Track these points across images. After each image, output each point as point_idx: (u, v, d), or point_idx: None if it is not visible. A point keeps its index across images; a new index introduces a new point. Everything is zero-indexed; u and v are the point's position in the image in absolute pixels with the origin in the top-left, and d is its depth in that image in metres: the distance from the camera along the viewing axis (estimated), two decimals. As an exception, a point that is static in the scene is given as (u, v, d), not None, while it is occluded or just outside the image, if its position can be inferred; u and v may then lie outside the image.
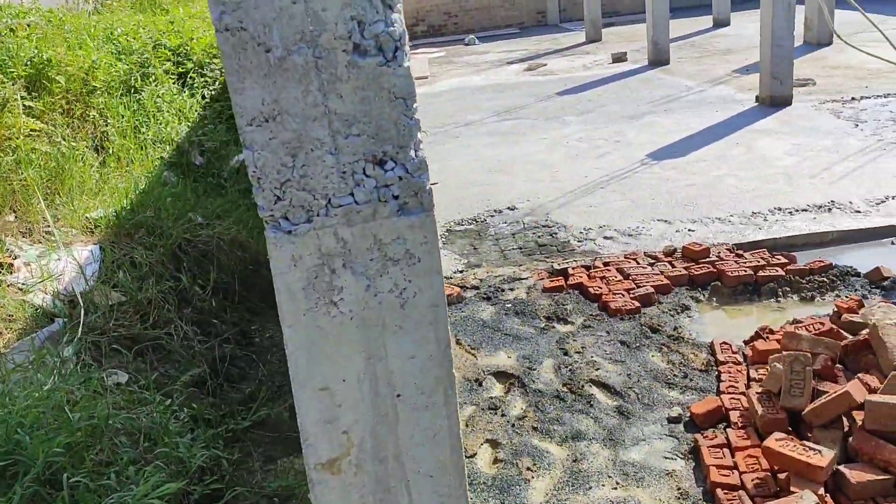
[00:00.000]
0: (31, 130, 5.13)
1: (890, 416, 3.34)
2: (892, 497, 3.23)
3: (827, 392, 3.66)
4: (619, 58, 14.76)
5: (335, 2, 1.20)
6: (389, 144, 1.29)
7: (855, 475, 3.27)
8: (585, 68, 14.52)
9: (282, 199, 1.29)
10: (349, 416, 1.45)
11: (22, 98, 5.23)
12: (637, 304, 5.25)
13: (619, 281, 5.59)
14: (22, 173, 4.70)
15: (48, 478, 2.36)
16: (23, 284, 4.03)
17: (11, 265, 4.09)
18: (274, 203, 1.29)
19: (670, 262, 5.81)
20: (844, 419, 3.56)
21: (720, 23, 18.06)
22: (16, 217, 4.57)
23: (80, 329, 3.66)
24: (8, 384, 2.80)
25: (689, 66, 13.59)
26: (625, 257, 6.00)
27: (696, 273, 5.58)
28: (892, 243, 5.94)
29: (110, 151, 5.71)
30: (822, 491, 3.26)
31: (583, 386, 4.48)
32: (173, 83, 7.28)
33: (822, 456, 3.34)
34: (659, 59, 13.90)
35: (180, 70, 7.62)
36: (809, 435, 3.57)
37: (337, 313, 1.38)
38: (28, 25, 6.28)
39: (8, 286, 3.93)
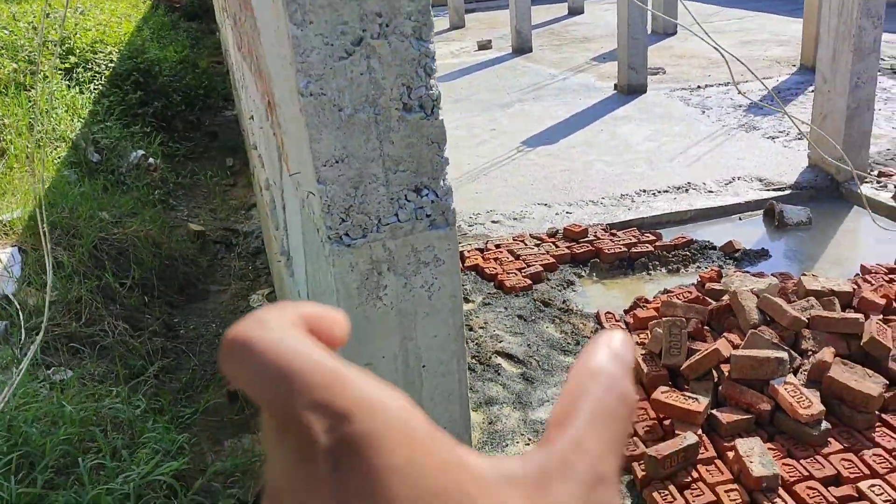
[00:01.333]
0: (-71, 133, 5.05)
1: (750, 366, 4.05)
2: (753, 431, 3.94)
3: (699, 350, 4.34)
4: (484, 45, 15.40)
5: (391, 73, 1.60)
6: (426, 176, 1.70)
7: (725, 417, 3.97)
8: (453, 55, 15.08)
9: (346, 221, 1.68)
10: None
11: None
12: (529, 281, 5.82)
13: (511, 261, 6.15)
14: (-72, 177, 4.66)
15: (56, 465, 2.59)
16: (-50, 289, 4.08)
17: (-63, 271, 4.12)
18: (339, 224, 1.68)
19: (554, 243, 6.43)
20: (714, 372, 4.25)
21: (575, 10, 19.10)
22: (-73, 222, 4.55)
23: (21, 331, 3.80)
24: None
25: (550, 53, 14.41)
26: (513, 239, 6.57)
27: (577, 252, 6.22)
28: (740, 219, 6.83)
29: (10, 152, 5.66)
30: (699, 431, 3.93)
31: (490, 357, 4.99)
32: (62, 79, 7.18)
33: (698, 403, 4.01)
34: (522, 46, 14.64)
35: (66, 65, 7.51)
36: (687, 387, 4.24)
37: (381, 305, 1.78)
38: None
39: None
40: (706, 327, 4.68)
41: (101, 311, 4.46)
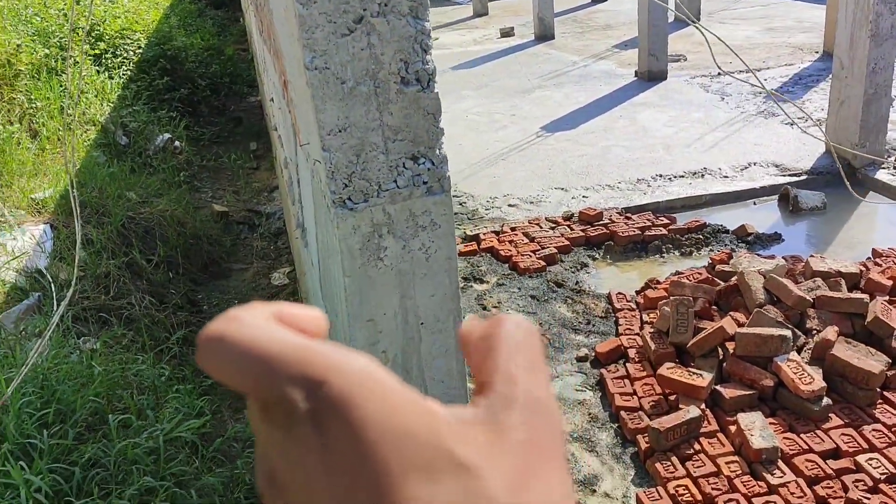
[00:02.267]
0: (-34, 115, 5.27)
1: (754, 344, 4.15)
2: (756, 407, 4.04)
3: (705, 328, 4.44)
4: (507, 33, 15.46)
5: (390, 49, 1.74)
6: (423, 146, 1.84)
7: (728, 392, 4.07)
8: (476, 43, 15.16)
9: (348, 186, 1.82)
10: (387, 339, 2.00)
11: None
12: (543, 263, 5.94)
13: (526, 244, 6.27)
14: (-35, 157, 4.89)
15: (86, 421, 2.77)
16: (-14, 263, 4.29)
17: (-27, 245, 4.34)
18: (342, 189, 1.82)
19: (569, 226, 6.54)
20: (720, 349, 4.36)
21: (598, -2, 19.05)
22: (-36, 200, 4.77)
23: (54, 302, 4.00)
24: (21, 349, 3.17)
25: (572, 41, 14.44)
26: (529, 222, 6.69)
27: (591, 234, 6.32)
28: (754, 203, 6.89)
29: (43, 134, 5.88)
30: (703, 406, 4.04)
31: (502, 335, 5.12)
32: (91, 64, 7.40)
33: (703, 378, 4.12)
34: (545, 34, 14.68)
35: (96, 52, 7.73)
36: (692, 364, 4.35)
37: (382, 266, 1.92)
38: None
39: (-25, 265, 4.19)
40: (714, 307, 4.77)
41: (129, 286, 4.66)
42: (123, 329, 4.28)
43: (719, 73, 10.88)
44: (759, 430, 3.78)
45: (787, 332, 4.15)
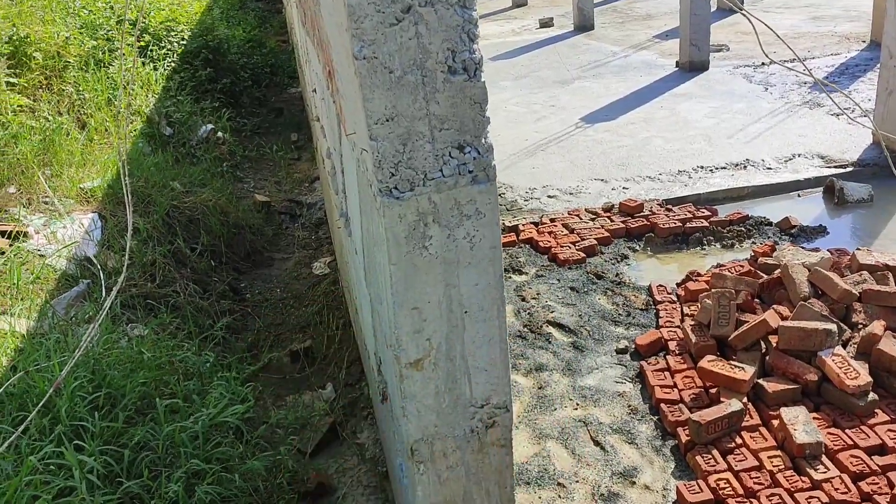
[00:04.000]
0: (18, 106, 5.41)
1: (798, 337, 4.09)
2: (799, 401, 3.99)
3: (748, 321, 4.39)
4: (546, 23, 15.37)
5: (437, 38, 1.75)
6: (469, 135, 1.85)
7: (771, 386, 4.03)
8: (515, 33, 15.10)
9: (395, 175, 1.84)
10: (431, 327, 2.02)
11: (5, 74, 5.49)
12: (582, 254, 5.91)
13: (565, 235, 6.24)
14: (17, 147, 5.01)
15: (135, 405, 2.85)
16: (38, 250, 4.40)
17: (26, 233, 4.46)
18: (389, 178, 1.84)
19: (609, 217, 6.50)
20: (762, 342, 4.31)
21: (639, -12, 18.82)
22: (16, 189, 4.89)
23: (102, 289, 4.09)
24: (73, 336, 3.26)
25: (612, 31, 14.31)
26: (568, 213, 6.66)
27: (632, 226, 6.28)
28: (798, 196, 6.78)
29: (91, 124, 6.01)
30: (745, 399, 4.00)
31: (541, 326, 5.12)
32: (137, 56, 7.53)
33: (745, 371, 4.08)
34: (584, 24, 14.56)
35: (141, 44, 7.87)
36: (734, 357, 4.30)
37: (427, 254, 1.94)
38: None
39: (28, 252, 4.30)
40: (756, 300, 4.72)
41: (174, 274, 4.75)
42: (170, 316, 4.37)
43: (763, 63, 10.71)
44: (802, 424, 3.73)
45: (832, 326, 4.08)
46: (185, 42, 8.56)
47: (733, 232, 6.10)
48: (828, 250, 5.33)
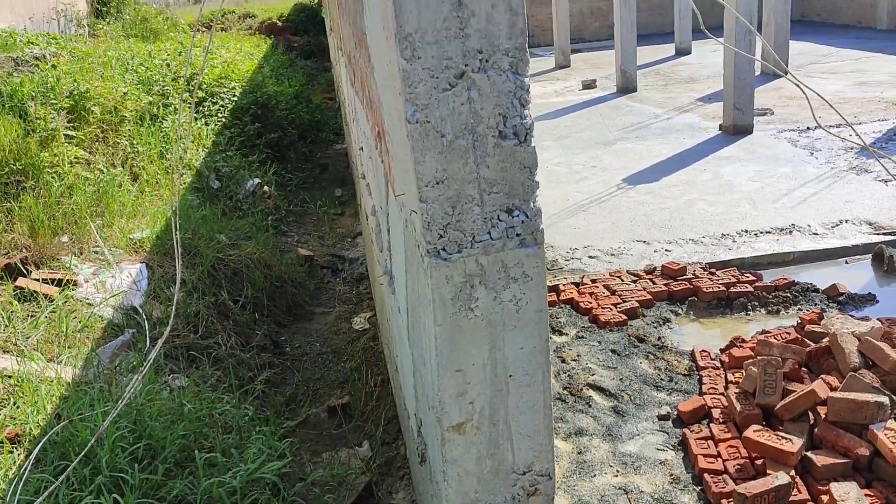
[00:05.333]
0: (75, 158, 5.59)
1: (848, 409, 3.97)
2: (850, 476, 3.85)
3: (795, 391, 4.28)
4: (588, 85, 15.52)
5: (489, 103, 1.78)
6: (517, 198, 1.87)
7: (820, 459, 3.89)
8: (558, 94, 15.26)
9: (443, 237, 1.85)
10: (475, 390, 2.01)
11: (64, 127, 5.69)
12: (624, 316, 5.84)
13: (607, 296, 6.19)
14: (72, 197, 5.16)
15: (175, 458, 2.86)
16: (86, 298, 4.49)
17: (76, 282, 4.55)
18: (438, 239, 1.86)
19: (651, 280, 6.43)
20: (810, 413, 4.18)
21: (682, 51, 18.98)
22: (69, 238, 5.02)
23: (147, 339, 4.15)
24: (117, 385, 3.30)
25: (655, 93, 14.38)
26: (610, 275, 6.61)
27: (674, 289, 6.20)
28: (846, 262, 6.65)
29: (143, 177, 6.18)
30: (792, 472, 3.87)
31: (581, 389, 5.05)
32: (191, 111, 7.77)
33: (792, 443, 3.96)
34: (627, 86, 14.67)
35: (195, 100, 8.12)
36: (781, 427, 4.18)
37: (472, 316, 1.94)
38: (52, 56, 6.71)
39: (76, 300, 4.39)
40: (804, 369, 4.60)
41: (216, 326, 4.80)
42: (211, 368, 4.40)
43: (808, 128, 10.66)
44: (853, 501, 3.59)
45: (885, 399, 3.95)
46: (236, 98, 8.81)
47: (779, 298, 5.99)
48: (878, 319, 5.19)
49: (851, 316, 5.39)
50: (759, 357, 4.60)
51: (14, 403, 3.34)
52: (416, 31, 1.71)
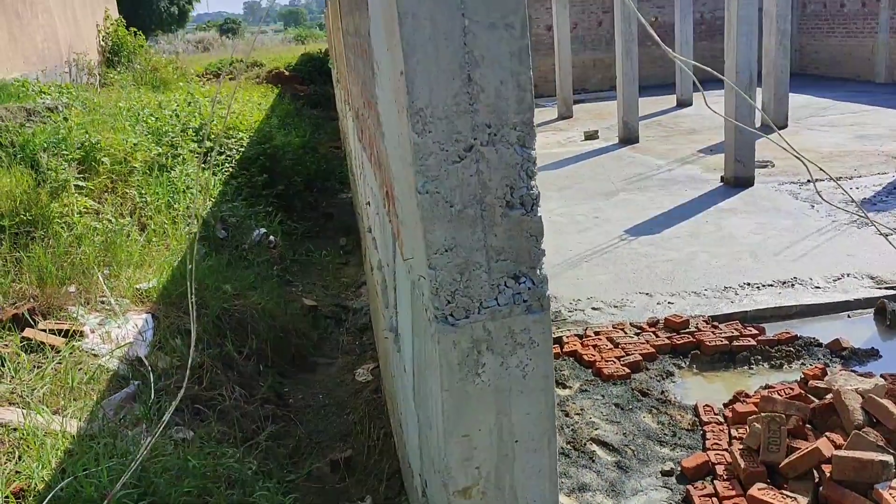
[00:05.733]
0: (84, 208, 5.66)
1: (854, 468, 3.96)
2: (856, 537, 3.83)
3: (799, 448, 4.27)
4: (591, 135, 15.70)
5: (497, 175, 1.84)
6: (524, 265, 1.91)
7: (825, 519, 3.87)
8: (560, 145, 15.43)
9: (451, 303, 1.89)
10: (481, 455, 2.02)
11: (75, 178, 5.78)
12: (627, 370, 5.85)
13: (610, 349, 6.20)
14: (80, 248, 5.21)
15: (179, 515, 2.86)
16: (92, 349, 4.51)
17: (82, 332, 4.58)
18: (445, 305, 1.90)
19: (654, 332, 6.45)
20: (815, 471, 4.17)
21: (683, 103, 19.23)
22: (76, 288, 5.06)
23: (151, 391, 4.16)
24: (122, 440, 3.31)
25: (657, 144, 14.54)
26: (613, 327, 6.63)
27: (677, 342, 6.21)
28: (848, 316, 6.67)
29: (150, 226, 6.25)
30: (798, 532, 3.85)
31: (584, 443, 5.03)
32: (197, 161, 7.88)
33: (797, 502, 3.94)
34: (629, 137, 14.84)
35: (202, 150, 8.24)
36: (785, 485, 4.16)
37: (479, 381, 1.97)
38: (64, 107, 6.83)
39: (82, 351, 4.42)
40: (808, 425, 4.59)
41: (221, 377, 4.81)
42: (216, 422, 4.40)
43: (808, 181, 10.75)
44: (860, 562, 3.57)
45: (889, 458, 3.95)
46: (243, 149, 8.94)
47: (782, 352, 6.00)
48: (881, 375, 5.19)
49: (855, 371, 5.40)
50: (762, 413, 4.60)
51: (19, 457, 3.35)
52: (428, 106, 1.78)
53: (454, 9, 1.74)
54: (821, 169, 4.19)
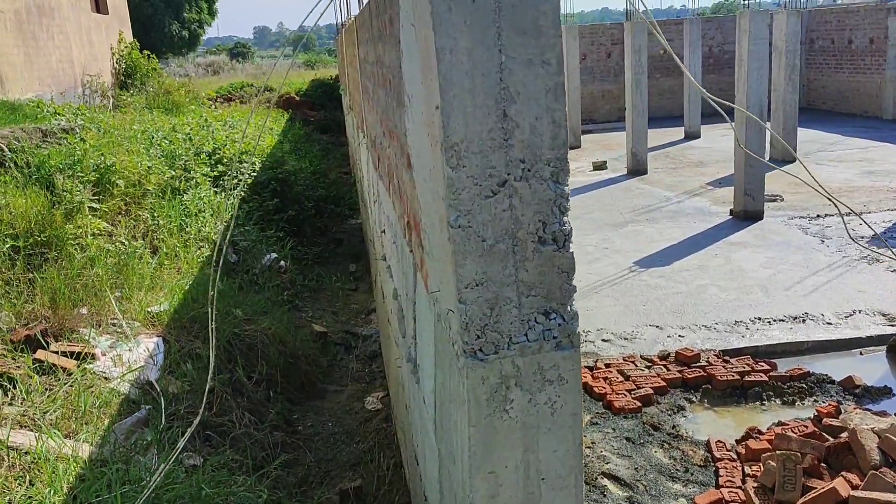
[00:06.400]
0: (97, 230, 5.67)
1: (870, 509, 3.91)
2: (874, 580, 3.77)
3: (815, 487, 4.22)
4: (599, 166, 15.74)
5: (530, 210, 1.83)
6: (555, 302, 1.90)
7: (842, 560, 3.82)
8: (568, 174, 15.43)
9: (481, 338, 1.88)
10: (507, 493, 2.00)
11: (89, 200, 5.80)
12: (638, 403, 5.81)
13: (621, 381, 6.16)
14: (93, 269, 5.21)
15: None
16: (103, 372, 4.49)
17: (94, 355, 4.57)
18: (475, 340, 1.88)
19: (665, 365, 6.41)
20: (831, 512, 4.11)
21: (691, 135, 19.29)
22: (88, 311, 5.05)
23: (162, 415, 4.13)
24: (133, 465, 3.28)
25: (665, 176, 14.57)
26: (623, 359, 6.60)
27: (689, 376, 6.18)
28: (860, 353, 6.63)
29: (162, 249, 6.25)
30: (814, 574, 3.79)
31: (596, 478, 4.99)
32: (210, 185, 7.91)
33: (814, 543, 3.89)
34: (638, 168, 14.88)
35: (215, 173, 8.27)
36: (801, 525, 4.11)
37: (507, 418, 1.95)
38: (80, 128, 6.87)
39: (94, 374, 4.40)
40: (823, 464, 4.55)
41: (230, 403, 4.78)
42: (228, 449, 4.36)
43: (818, 216, 10.75)
44: None
45: (907, 500, 3.90)
46: (255, 173, 8.98)
47: (794, 388, 5.96)
48: (895, 414, 5.16)
49: (868, 410, 5.35)
50: (777, 451, 4.56)
51: (30, 482, 3.32)
52: (462, 140, 1.78)
53: (492, 45, 1.75)
54: (846, 206, 4.18)
